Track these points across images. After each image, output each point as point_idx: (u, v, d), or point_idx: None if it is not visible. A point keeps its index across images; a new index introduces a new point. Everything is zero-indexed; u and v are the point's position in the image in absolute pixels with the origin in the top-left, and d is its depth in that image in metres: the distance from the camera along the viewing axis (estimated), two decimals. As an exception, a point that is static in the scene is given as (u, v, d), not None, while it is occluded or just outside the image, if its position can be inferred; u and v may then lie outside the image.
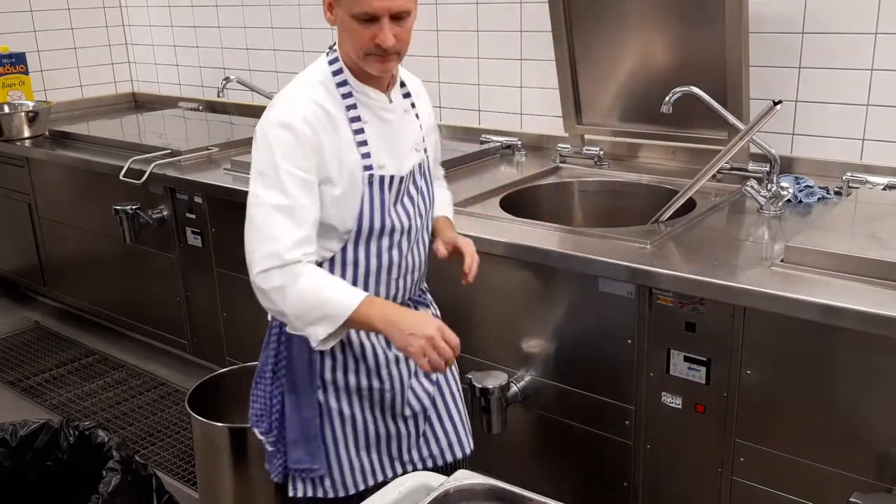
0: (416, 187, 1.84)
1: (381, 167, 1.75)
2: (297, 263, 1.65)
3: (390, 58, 1.68)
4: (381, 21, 1.62)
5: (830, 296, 1.77)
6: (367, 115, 1.75)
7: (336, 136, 1.70)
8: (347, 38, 1.67)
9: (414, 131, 1.85)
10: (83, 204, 3.75)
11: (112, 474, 1.84)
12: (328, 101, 1.72)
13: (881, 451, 1.80)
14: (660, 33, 2.64)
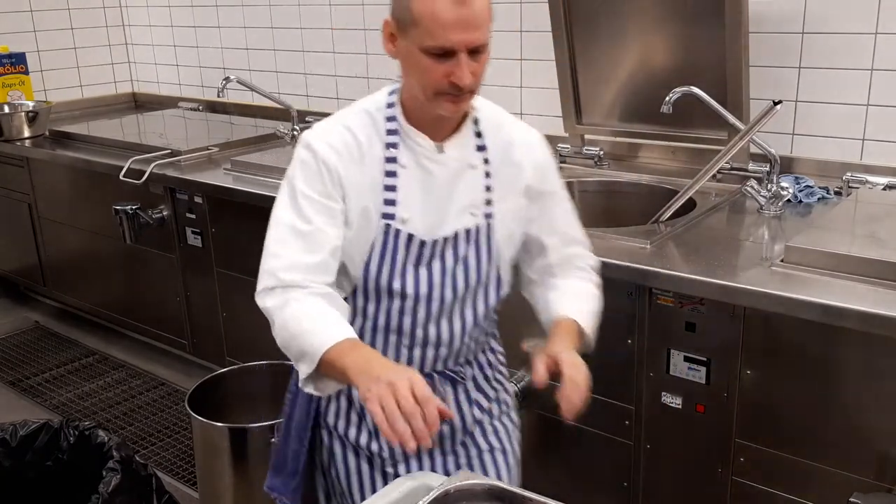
0: (457, 255, 1.56)
1: (404, 221, 1.53)
2: (296, 288, 1.48)
3: (464, 97, 1.47)
4: (458, 56, 1.41)
5: (830, 296, 1.77)
6: (406, 160, 1.53)
7: (361, 170, 1.52)
8: (415, 75, 1.45)
9: (472, 190, 1.56)
10: (83, 204, 3.75)
11: (112, 474, 1.84)
12: (366, 132, 1.53)
13: (881, 451, 1.80)
14: (660, 33, 2.63)
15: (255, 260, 1.83)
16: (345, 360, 1.37)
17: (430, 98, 1.45)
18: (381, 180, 1.52)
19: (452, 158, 1.55)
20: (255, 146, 3.53)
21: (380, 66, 3.62)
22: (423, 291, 1.55)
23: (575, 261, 1.67)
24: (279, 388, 2.53)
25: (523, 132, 1.64)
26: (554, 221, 1.65)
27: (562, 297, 1.62)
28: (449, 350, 1.62)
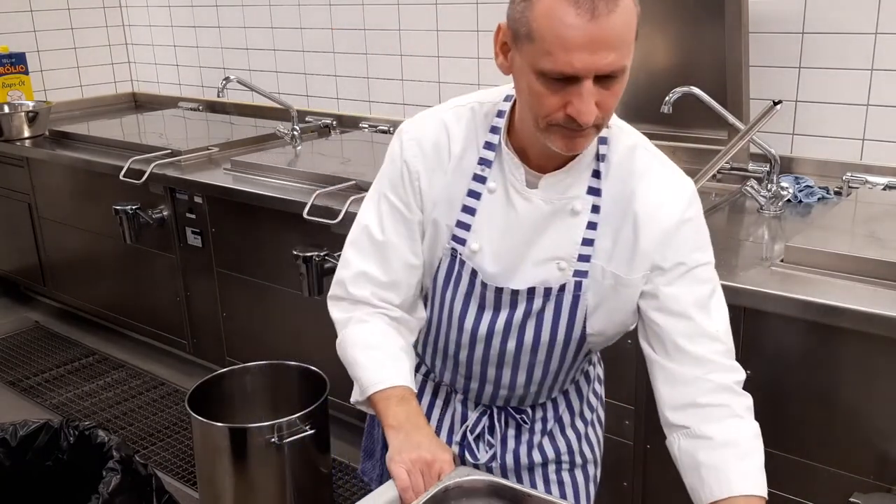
0: (530, 308, 1.33)
1: (473, 252, 1.33)
2: (363, 306, 1.39)
3: (586, 133, 1.19)
4: (581, 84, 1.13)
5: (830, 296, 1.77)
6: (496, 183, 1.31)
7: (444, 179, 1.33)
8: (526, 99, 1.20)
9: (565, 240, 1.30)
10: (83, 204, 3.75)
11: (112, 474, 1.84)
12: (464, 136, 1.33)
13: (881, 451, 1.80)
14: (660, 33, 2.63)
15: (254, 260, 1.83)
16: (388, 411, 1.30)
17: (541, 129, 1.19)
18: (461, 197, 1.32)
19: (546, 199, 1.29)
20: (255, 146, 3.53)
21: (379, 66, 3.62)
22: (481, 333, 1.36)
23: (716, 374, 1.26)
24: (279, 388, 2.54)
25: (660, 183, 1.31)
26: (676, 303, 1.27)
27: (724, 466, 1.22)
28: (513, 393, 1.43)
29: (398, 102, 3.61)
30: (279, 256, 2.84)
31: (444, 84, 3.43)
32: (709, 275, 1.30)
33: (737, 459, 1.21)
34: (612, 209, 1.29)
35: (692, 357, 1.26)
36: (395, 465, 1.23)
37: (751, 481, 1.20)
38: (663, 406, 1.32)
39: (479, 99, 1.36)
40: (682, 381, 1.27)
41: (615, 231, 1.29)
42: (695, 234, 1.30)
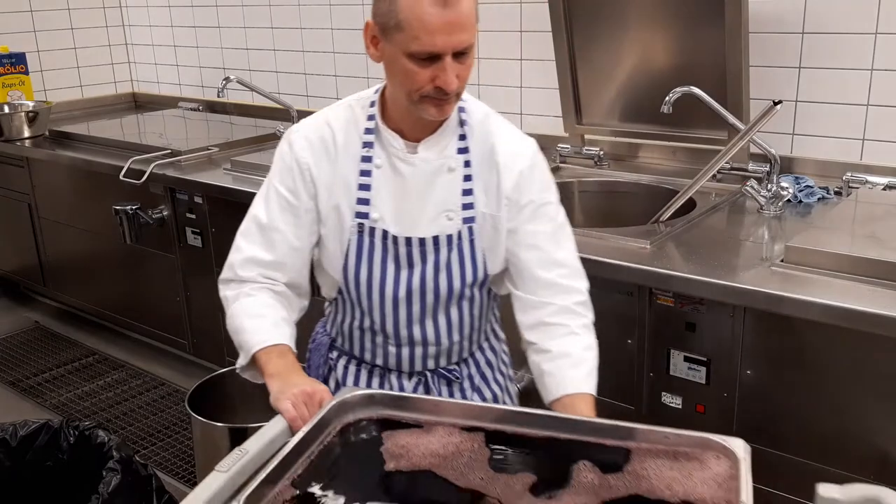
0: (439, 260, 1.54)
1: (376, 221, 1.54)
2: (250, 283, 1.56)
3: (449, 101, 1.44)
4: (444, 60, 1.38)
5: (830, 296, 1.77)
6: (381, 159, 1.53)
7: (334, 169, 1.55)
8: (399, 79, 1.44)
9: (448, 193, 1.53)
10: (83, 204, 3.75)
11: (112, 474, 1.84)
12: (345, 129, 1.55)
13: (881, 451, 1.80)
14: (660, 33, 2.64)
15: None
16: (269, 364, 1.46)
17: (415, 102, 1.44)
18: (355, 179, 1.54)
19: (426, 160, 1.53)
20: (255, 146, 3.53)
21: (379, 66, 3.61)
22: (402, 293, 1.55)
23: (558, 296, 1.53)
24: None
25: (511, 138, 1.58)
26: (531, 237, 1.54)
27: (560, 372, 1.49)
28: (438, 350, 1.61)
29: (398, 102, 3.61)
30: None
31: (444, 84, 3.43)
32: (556, 211, 1.59)
33: (570, 367, 1.48)
34: (480, 163, 1.55)
35: (542, 282, 1.54)
36: (280, 402, 1.37)
37: (581, 383, 1.47)
38: (521, 328, 1.57)
39: (354, 97, 1.60)
40: (533, 306, 1.54)
41: (485, 181, 1.54)
42: (542, 176, 1.58)
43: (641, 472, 1.09)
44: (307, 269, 1.61)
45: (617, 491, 1.07)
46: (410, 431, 1.21)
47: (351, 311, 1.61)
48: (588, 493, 1.05)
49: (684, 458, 1.11)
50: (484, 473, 1.12)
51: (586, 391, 1.46)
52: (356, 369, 1.67)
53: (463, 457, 1.15)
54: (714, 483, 1.07)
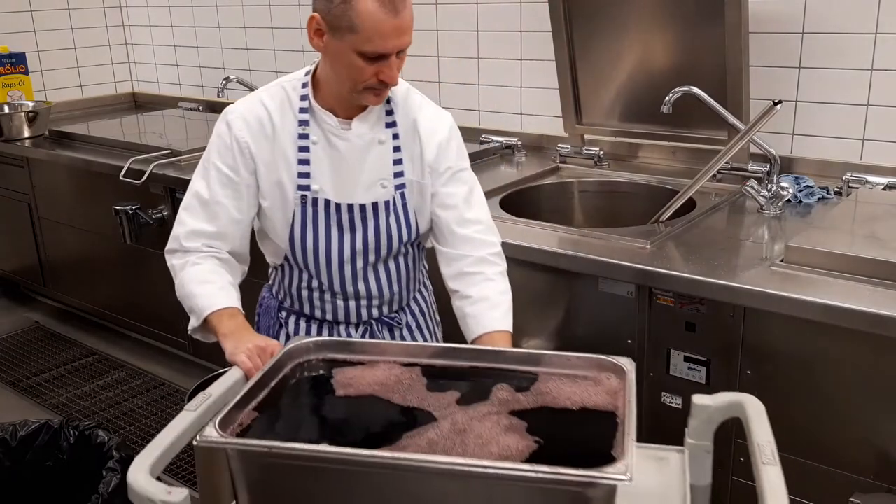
0: (378, 225, 1.73)
1: (318, 190, 1.70)
2: (195, 253, 1.70)
3: (387, 90, 1.65)
4: (389, 59, 1.58)
5: (830, 296, 1.77)
6: (317, 136, 1.70)
7: (272, 146, 1.69)
8: (346, 72, 1.61)
9: (381, 164, 1.72)
10: (83, 204, 3.75)
11: (112, 474, 1.85)
12: (280, 109, 1.70)
13: (881, 452, 1.80)
14: (660, 33, 2.63)
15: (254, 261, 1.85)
16: (221, 325, 1.59)
17: (358, 92, 1.62)
18: (294, 154, 1.70)
19: (358, 135, 1.71)
20: (255, 146, 3.52)
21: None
22: (346, 255, 1.74)
23: (475, 249, 1.74)
24: (279, 388, 2.54)
25: (431, 112, 1.78)
26: (449, 198, 1.76)
27: (480, 314, 1.68)
28: (380, 301, 1.81)
29: (398, 102, 3.61)
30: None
31: (443, 84, 3.43)
32: (469, 177, 1.80)
33: (488, 309, 1.68)
34: (406, 135, 1.74)
35: (459, 237, 1.75)
36: (236, 356, 1.49)
37: (498, 322, 1.67)
38: (445, 279, 1.77)
39: (286, 79, 1.74)
40: (454, 259, 1.75)
41: (411, 151, 1.74)
42: (457, 146, 1.79)
43: (546, 390, 1.32)
44: (248, 239, 1.76)
45: (525, 404, 1.29)
46: (356, 367, 1.40)
47: (298, 275, 1.78)
48: (501, 405, 1.28)
49: (582, 379, 1.34)
50: (419, 394, 1.32)
51: (503, 328, 1.66)
52: (306, 325, 1.84)
53: (402, 385, 1.35)
54: (605, 394, 1.30)
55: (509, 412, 1.26)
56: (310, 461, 1.15)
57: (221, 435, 1.22)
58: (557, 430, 1.25)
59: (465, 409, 1.27)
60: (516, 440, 1.19)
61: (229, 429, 1.24)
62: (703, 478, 1.43)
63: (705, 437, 1.43)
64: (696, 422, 1.42)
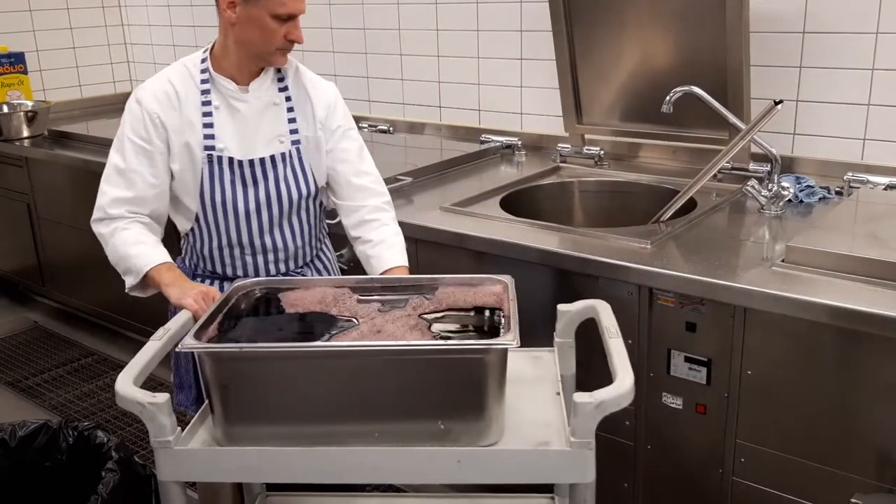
0: (277, 175, 1.96)
1: (222, 149, 1.92)
2: (120, 219, 1.92)
3: (291, 48, 1.91)
4: (296, 20, 1.86)
5: (831, 296, 1.77)
6: (218, 101, 1.93)
7: (179, 115, 1.91)
8: (259, 35, 1.86)
9: (277, 123, 1.97)
10: (82, 204, 3.72)
11: (111, 475, 1.84)
12: (184, 83, 1.93)
13: (881, 452, 1.80)
14: (660, 33, 2.63)
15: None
16: (161, 277, 1.85)
17: (270, 53, 1.89)
18: (199, 120, 1.92)
19: (256, 97, 1.95)
20: (255, 146, 3.52)
21: (379, 66, 3.62)
22: (252, 207, 1.95)
23: (370, 199, 2.03)
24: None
25: (318, 80, 2.06)
26: (343, 153, 2.03)
27: (381, 254, 1.98)
28: (286, 254, 2.03)
29: (398, 102, 3.61)
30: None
31: (443, 83, 3.43)
32: (357, 136, 2.08)
33: (387, 249, 1.98)
34: (298, 98, 2.00)
35: (356, 188, 2.04)
36: (183, 300, 1.77)
37: (397, 258, 1.97)
38: (346, 230, 2.06)
39: (187, 59, 1.98)
40: (353, 209, 2.04)
41: (304, 111, 2.00)
42: (343, 109, 2.07)
43: (444, 297, 1.69)
44: (166, 204, 1.97)
45: (430, 307, 1.65)
46: (296, 291, 1.74)
47: (209, 234, 1.98)
48: (412, 309, 1.64)
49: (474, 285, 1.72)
50: (350, 306, 1.68)
51: (402, 264, 1.96)
52: (219, 285, 2.01)
53: (337, 300, 1.69)
54: (493, 295, 1.68)
55: (419, 315, 1.62)
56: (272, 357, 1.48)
57: (198, 342, 1.48)
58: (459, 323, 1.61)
59: (383, 314, 1.62)
60: (419, 335, 1.53)
61: (202, 339, 1.51)
62: (569, 368, 1.85)
63: (569, 336, 1.84)
64: (561, 324, 1.84)
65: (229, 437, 1.52)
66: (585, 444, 1.45)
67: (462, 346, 1.46)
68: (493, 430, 1.49)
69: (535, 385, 1.76)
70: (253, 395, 1.49)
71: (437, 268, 2.09)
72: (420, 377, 1.46)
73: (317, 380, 1.48)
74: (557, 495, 1.98)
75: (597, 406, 1.42)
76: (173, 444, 1.52)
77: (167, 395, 1.49)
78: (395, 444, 1.49)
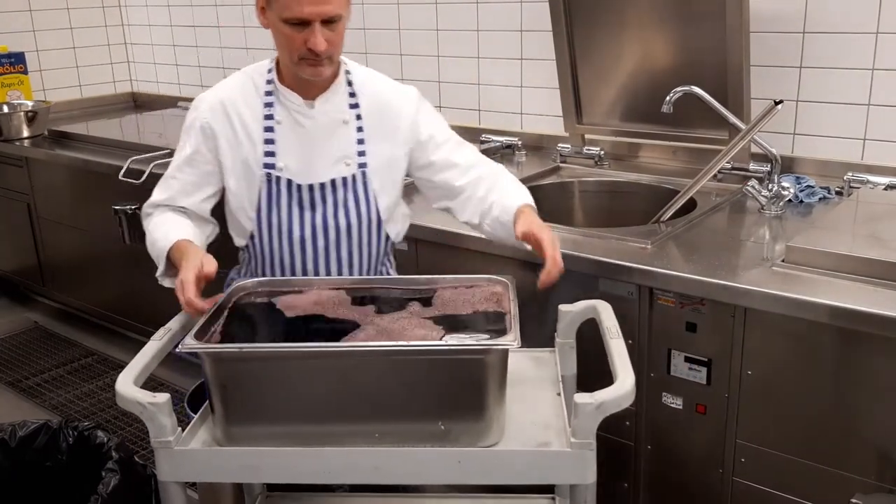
0: (336, 199, 1.82)
1: (281, 169, 1.80)
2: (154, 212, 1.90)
3: (323, 62, 1.71)
4: (313, 26, 1.65)
5: (831, 296, 1.77)
6: (281, 116, 1.80)
7: (237, 127, 1.80)
8: (281, 43, 1.72)
9: (344, 143, 1.81)
10: (82, 204, 3.74)
11: (111, 475, 1.84)
12: (245, 94, 1.81)
13: (882, 452, 1.80)
14: (660, 33, 2.63)
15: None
16: (174, 256, 1.75)
17: (294, 63, 1.72)
18: (259, 135, 1.79)
19: (323, 113, 1.80)
20: (255, 146, 3.52)
21: (379, 66, 3.61)
22: (307, 233, 1.83)
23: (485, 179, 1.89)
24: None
25: (397, 92, 1.89)
26: (443, 162, 1.89)
27: (502, 198, 1.83)
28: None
29: (398, 102, 3.61)
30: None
31: (444, 84, 3.43)
32: (449, 132, 1.92)
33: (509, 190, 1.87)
34: (372, 115, 1.84)
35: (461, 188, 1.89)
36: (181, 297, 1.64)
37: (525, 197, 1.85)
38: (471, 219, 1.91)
39: (250, 68, 1.87)
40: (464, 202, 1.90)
41: (381, 129, 1.83)
42: (428, 113, 1.90)
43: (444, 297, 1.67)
44: (206, 205, 1.89)
45: (432, 312, 1.62)
46: (292, 294, 1.71)
47: (262, 256, 1.87)
48: (413, 315, 1.61)
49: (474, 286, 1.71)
50: (346, 309, 1.64)
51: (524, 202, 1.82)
52: None
53: (333, 303, 1.66)
54: (493, 296, 1.67)
55: (420, 317, 1.60)
56: (273, 357, 1.48)
57: (198, 342, 1.49)
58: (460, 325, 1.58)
59: (382, 316, 1.60)
60: (427, 331, 1.52)
61: (203, 340, 1.51)
62: (570, 369, 1.84)
63: (569, 336, 1.84)
64: (562, 324, 1.83)
65: (230, 437, 1.52)
66: (586, 444, 1.45)
67: (463, 346, 1.46)
68: (493, 431, 1.49)
69: (535, 386, 1.76)
70: (253, 394, 1.49)
71: (437, 268, 2.09)
72: (421, 378, 1.46)
73: (317, 380, 1.48)
74: (558, 496, 1.98)
75: (598, 407, 1.42)
76: (174, 444, 1.53)
77: (167, 395, 1.49)
78: (395, 444, 1.49)
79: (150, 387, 1.49)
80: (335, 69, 1.80)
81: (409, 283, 1.75)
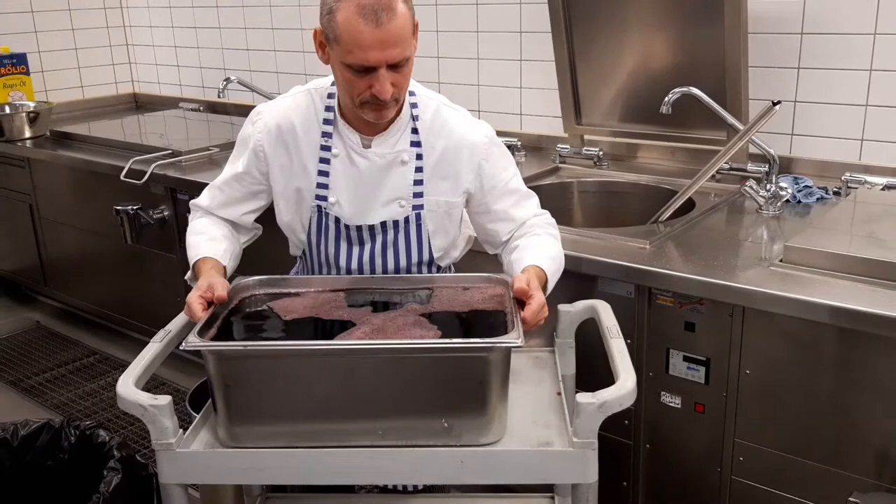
0: (386, 240, 1.75)
1: (333, 204, 1.72)
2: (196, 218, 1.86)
3: (388, 105, 1.58)
4: (378, 72, 1.53)
5: (829, 296, 1.77)
6: (339, 149, 1.70)
7: (292, 154, 1.72)
8: (342, 85, 1.61)
9: (400, 184, 1.70)
10: (84, 204, 3.75)
11: (113, 474, 1.85)
12: (305, 118, 1.71)
13: (879, 451, 1.80)
14: (659, 33, 2.64)
15: (255, 261, 1.86)
16: (197, 269, 1.72)
17: (356, 105, 1.59)
18: (315, 165, 1.71)
19: (379, 154, 1.69)
20: (256, 146, 3.52)
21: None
22: (354, 266, 1.77)
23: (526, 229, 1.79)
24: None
25: (466, 129, 1.73)
26: (503, 213, 1.79)
27: (524, 253, 1.72)
28: None
29: (398, 103, 3.61)
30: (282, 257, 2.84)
31: (444, 84, 3.43)
32: (516, 184, 1.80)
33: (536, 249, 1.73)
34: (434, 154, 1.70)
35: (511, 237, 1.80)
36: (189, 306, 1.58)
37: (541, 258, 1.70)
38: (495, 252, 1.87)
39: (315, 85, 1.75)
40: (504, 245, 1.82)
41: (443, 171, 1.71)
42: (498, 159, 1.76)
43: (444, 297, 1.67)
44: (250, 217, 1.87)
45: (428, 309, 1.62)
46: (290, 298, 1.71)
47: (313, 270, 1.85)
48: (409, 313, 1.60)
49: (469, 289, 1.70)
50: (343, 310, 1.63)
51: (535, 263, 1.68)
52: None
53: (329, 305, 1.65)
54: (494, 295, 1.66)
55: (419, 314, 1.59)
56: (277, 355, 1.48)
57: (201, 340, 1.48)
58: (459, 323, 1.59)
59: (378, 315, 1.59)
60: (423, 331, 1.51)
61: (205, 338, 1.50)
62: (570, 368, 1.86)
63: (569, 336, 1.84)
64: (562, 324, 1.83)
65: (232, 436, 1.53)
66: (588, 444, 1.46)
67: (467, 344, 1.46)
68: (494, 428, 1.50)
69: (535, 385, 1.77)
70: (256, 393, 1.50)
71: (437, 268, 2.09)
72: (425, 375, 1.47)
73: (320, 378, 1.49)
74: (558, 495, 1.99)
75: (599, 406, 1.43)
76: (175, 446, 1.54)
77: (168, 397, 1.49)
78: (398, 440, 1.50)
79: (151, 386, 1.49)
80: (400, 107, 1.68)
81: (412, 282, 1.74)
